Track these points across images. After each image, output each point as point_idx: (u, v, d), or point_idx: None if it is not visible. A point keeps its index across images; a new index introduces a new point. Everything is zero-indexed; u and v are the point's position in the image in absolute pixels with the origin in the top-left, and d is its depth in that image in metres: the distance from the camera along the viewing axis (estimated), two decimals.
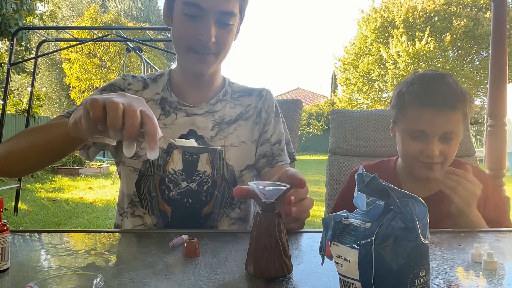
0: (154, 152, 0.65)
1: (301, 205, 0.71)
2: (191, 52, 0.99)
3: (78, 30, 10.25)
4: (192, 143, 0.75)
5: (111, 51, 15.41)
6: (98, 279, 0.55)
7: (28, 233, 0.92)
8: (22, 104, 11.78)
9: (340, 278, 0.54)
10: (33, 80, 5.06)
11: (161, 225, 1.05)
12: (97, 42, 12.42)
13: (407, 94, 1.11)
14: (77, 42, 5.71)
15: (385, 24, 17.59)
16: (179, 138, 1.05)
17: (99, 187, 7.08)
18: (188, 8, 0.95)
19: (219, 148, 0.94)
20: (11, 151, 0.92)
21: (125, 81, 1.13)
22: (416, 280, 0.49)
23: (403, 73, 16.35)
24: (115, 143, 0.92)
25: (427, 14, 16.77)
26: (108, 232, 0.94)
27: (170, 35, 1.28)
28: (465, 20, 16.14)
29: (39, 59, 7.19)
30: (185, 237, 0.82)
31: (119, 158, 1.12)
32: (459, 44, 16.92)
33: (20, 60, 7.57)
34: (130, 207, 1.08)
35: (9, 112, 10.59)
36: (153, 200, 1.05)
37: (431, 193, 1.15)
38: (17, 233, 0.91)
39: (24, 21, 7.56)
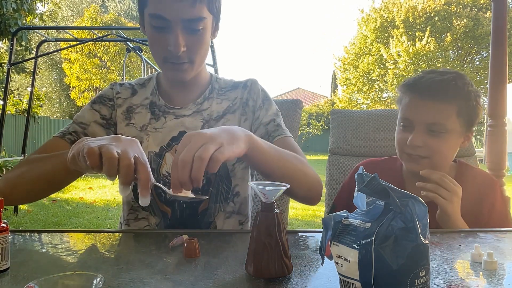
0: (145, 199, 0.69)
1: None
2: (167, 62, 0.99)
3: (78, 30, 10.25)
4: (188, 193, 0.73)
5: (111, 51, 15.41)
6: (98, 279, 0.55)
7: (28, 233, 0.92)
8: (22, 104, 11.79)
9: (340, 278, 0.54)
10: (33, 80, 5.06)
11: (162, 224, 1.07)
12: (97, 42, 12.42)
13: (407, 84, 1.10)
14: (77, 42, 5.71)
15: (385, 24, 17.59)
16: (170, 141, 1.07)
17: (99, 187, 7.08)
18: (154, 20, 0.94)
19: (207, 197, 0.89)
20: (16, 184, 0.94)
21: (113, 90, 1.14)
22: (416, 280, 0.49)
23: (403, 73, 16.35)
24: None
25: (427, 14, 16.77)
26: (108, 232, 0.94)
27: None
28: (465, 20, 16.15)
29: (39, 59, 7.19)
30: (185, 237, 0.82)
31: None
32: (459, 44, 16.92)
33: (20, 60, 7.57)
34: (132, 213, 1.10)
35: (9, 112, 10.58)
36: (152, 204, 1.07)
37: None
38: (17, 233, 0.91)
39: (24, 21, 7.57)
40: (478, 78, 16.70)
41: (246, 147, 0.77)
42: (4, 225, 0.66)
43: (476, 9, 16.67)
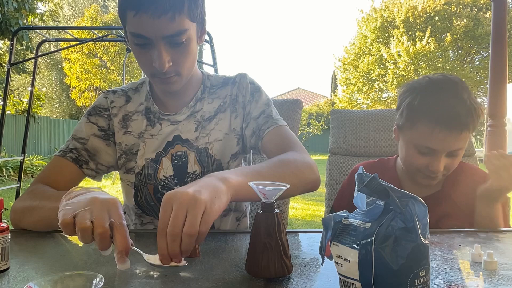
0: (123, 265, 0.66)
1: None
2: (155, 77, 0.97)
3: (78, 30, 10.25)
4: (156, 259, 0.68)
5: (111, 51, 15.40)
6: (98, 279, 0.55)
7: (28, 233, 0.92)
8: (22, 104, 11.80)
9: (340, 278, 0.54)
10: (33, 80, 5.06)
11: None
12: (97, 42, 12.42)
13: (420, 109, 1.05)
14: (77, 42, 5.71)
15: (385, 24, 17.59)
16: (165, 146, 1.06)
17: (99, 187, 7.08)
18: (136, 39, 0.91)
19: (185, 263, 0.67)
20: (22, 218, 0.94)
21: (107, 99, 1.12)
22: (416, 280, 0.49)
23: (403, 73, 16.35)
24: None
25: (428, 14, 16.77)
26: None
27: None
28: (465, 20, 16.14)
29: (40, 59, 7.19)
30: None
31: (120, 173, 1.14)
32: (459, 44, 16.92)
33: (20, 60, 7.58)
34: (137, 218, 1.11)
35: (9, 112, 10.59)
36: (154, 209, 1.08)
37: (431, 192, 1.15)
38: (17, 233, 0.91)
39: (25, 21, 7.57)
40: (478, 78, 16.70)
41: (229, 197, 0.71)
42: (4, 225, 0.66)
43: (476, 9, 16.66)
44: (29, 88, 5.46)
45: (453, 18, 16.54)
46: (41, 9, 9.32)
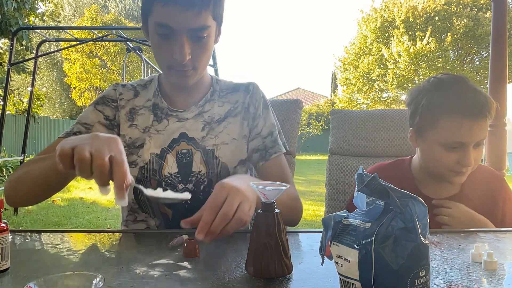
0: (121, 200, 0.66)
1: (212, 231, 0.69)
2: (172, 70, 1.00)
3: (79, 30, 10.26)
4: (159, 192, 0.72)
5: (112, 51, 15.40)
6: (98, 279, 0.55)
7: (28, 233, 0.92)
8: (22, 104, 11.80)
9: (340, 278, 0.54)
10: (33, 80, 5.06)
11: (163, 226, 1.07)
12: (97, 42, 12.42)
13: (441, 105, 1.05)
14: (77, 42, 5.71)
15: (385, 24, 17.58)
16: (171, 142, 1.07)
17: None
18: (160, 29, 0.94)
19: (188, 198, 0.78)
20: (16, 186, 0.96)
21: (116, 91, 1.13)
22: (416, 280, 0.49)
23: (404, 73, 16.35)
24: None
25: (428, 14, 16.76)
26: (108, 232, 0.94)
27: None
28: (465, 20, 16.14)
29: (40, 59, 7.19)
30: (185, 237, 0.82)
31: None
32: (459, 44, 16.91)
33: (20, 60, 7.57)
34: (131, 215, 1.09)
35: (9, 112, 10.59)
36: (153, 205, 1.06)
37: (449, 194, 1.14)
38: (17, 233, 0.91)
39: (25, 20, 7.56)
40: (478, 78, 16.69)
41: (254, 207, 0.77)
42: (4, 225, 0.66)
43: (476, 9, 16.66)
44: (29, 88, 5.45)
45: (453, 18, 16.54)
46: (42, 8, 9.32)
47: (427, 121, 1.08)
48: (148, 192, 0.73)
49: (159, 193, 0.73)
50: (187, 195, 0.77)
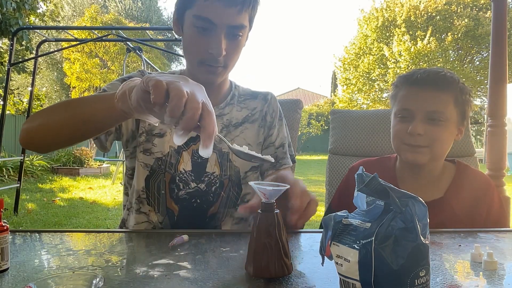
0: (207, 150, 0.61)
1: (305, 215, 0.81)
2: (203, 65, 1.00)
3: (79, 30, 10.25)
4: (245, 149, 0.71)
5: (112, 51, 15.40)
6: (98, 279, 0.55)
7: (28, 233, 0.92)
8: (22, 104, 11.80)
9: (340, 278, 0.54)
10: (33, 80, 5.06)
11: (167, 223, 1.06)
12: (97, 42, 12.42)
13: (398, 80, 1.16)
14: (77, 42, 5.71)
15: (386, 23, 17.58)
16: (188, 140, 1.06)
17: (99, 187, 7.08)
18: (199, 22, 0.95)
19: (272, 159, 0.75)
20: (45, 123, 0.85)
21: (142, 75, 1.10)
22: (416, 280, 0.49)
23: (404, 72, 16.31)
24: (157, 125, 0.98)
25: (429, 14, 16.76)
26: (108, 232, 0.94)
27: (170, 35, 1.27)
28: (466, 20, 16.13)
29: (40, 59, 7.19)
30: (185, 237, 0.82)
31: (130, 151, 1.10)
32: (459, 44, 16.91)
33: (20, 60, 7.58)
34: (136, 203, 1.08)
35: (9, 112, 10.59)
36: (161, 198, 1.06)
37: (430, 199, 1.11)
38: (17, 233, 0.91)
39: (26, 20, 7.56)
40: (478, 78, 16.68)
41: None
42: (4, 225, 0.66)
43: (476, 9, 16.66)
44: (29, 88, 5.45)
45: (454, 18, 16.53)
46: (42, 8, 9.31)
47: (392, 98, 1.18)
48: (235, 146, 0.70)
49: (244, 148, 0.70)
50: (270, 159, 0.73)
